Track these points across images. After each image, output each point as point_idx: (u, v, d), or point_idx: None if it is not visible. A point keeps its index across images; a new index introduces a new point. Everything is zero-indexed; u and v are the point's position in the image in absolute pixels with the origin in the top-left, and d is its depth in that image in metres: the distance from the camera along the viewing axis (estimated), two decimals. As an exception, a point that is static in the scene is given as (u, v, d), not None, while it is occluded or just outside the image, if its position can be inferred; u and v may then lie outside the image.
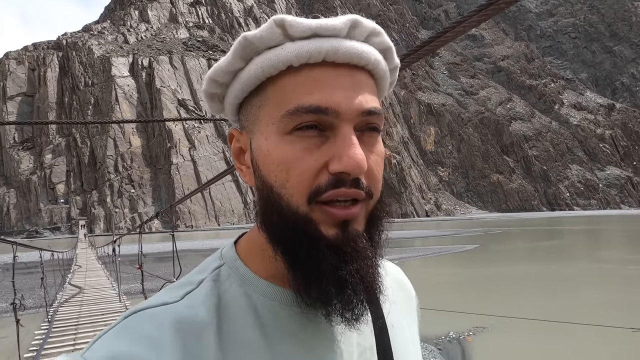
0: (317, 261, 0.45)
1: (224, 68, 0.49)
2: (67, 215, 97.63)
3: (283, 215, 0.46)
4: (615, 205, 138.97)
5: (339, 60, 0.46)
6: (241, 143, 0.53)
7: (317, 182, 0.45)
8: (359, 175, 0.45)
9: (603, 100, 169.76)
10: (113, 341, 0.43)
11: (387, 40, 0.51)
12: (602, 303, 12.96)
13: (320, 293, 0.45)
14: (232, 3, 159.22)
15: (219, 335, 0.46)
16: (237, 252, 0.54)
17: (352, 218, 0.46)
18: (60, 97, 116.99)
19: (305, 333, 0.48)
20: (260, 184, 0.49)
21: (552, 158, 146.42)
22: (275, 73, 0.47)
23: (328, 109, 0.45)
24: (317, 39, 0.46)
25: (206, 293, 0.49)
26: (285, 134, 0.46)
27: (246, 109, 0.51)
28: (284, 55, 0.46)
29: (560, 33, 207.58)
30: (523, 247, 36.05)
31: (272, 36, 0.46)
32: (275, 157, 0.46)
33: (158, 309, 0.46)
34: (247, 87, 0.49)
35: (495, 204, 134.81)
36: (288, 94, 0.46)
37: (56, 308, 8.90)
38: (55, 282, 13.78)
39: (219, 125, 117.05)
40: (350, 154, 0.44)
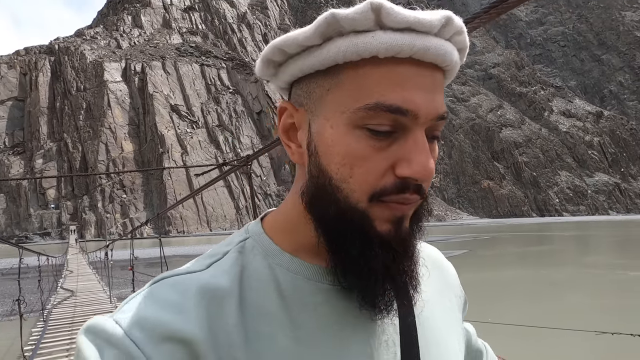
0: (369, 258, 0.45)
1: (299, 41, 0.46)
2: (57, 221, 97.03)
3: (340, 208, 0.45)
4: (604, 211, 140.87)
5: (426, 59, 0.44)
6: (295, 119, 0.50)
7: (383, 183, 0.44)
8: (425, 182, 0.45)
9: (591, 108, 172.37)
10: (141, 306, 0.44)
11: (467, 39, 0.49)
12: (588, 307, 13.33)
13: (364, 288, 0.45)
14: (225, 9, 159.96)
15: (240, 303, 0.47)
16: (262, 227, 0.54)
17: (406, 215, 0.46)
18: (51, 102, 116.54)
19: (328, 308, 0.48)
20: (316, 171, 0.47)
21: (541, 164, 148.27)
22: (357, 59, 0.44)
23: (408, 111, 0.43)
24: (411, 34, 0.43)
25: (231, 263, 0.50)
26: (355, 127, 0.44)
27: (308, 86, 0.48)
28: (374, 44, 0.43)
29: (550, 41, 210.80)
30: (510, 252, 36.66)
31: (364, 20, 0.43)
32: (341, 149, 0.45)
33: (184, 277, 0.48)
34: (318, 66, 0.46)
35: (485, 210, 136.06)
36: (368, 86, 0.43)
37: (50, 310, 9.24)
38: (47, 286, 14.03)
39: (212, 131, 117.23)
40: (421, 160, 0.43)
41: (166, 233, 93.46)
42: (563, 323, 9.31)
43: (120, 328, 0.42)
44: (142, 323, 0.42)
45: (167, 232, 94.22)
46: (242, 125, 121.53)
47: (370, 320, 0.48)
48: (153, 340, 0.41)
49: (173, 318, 0.43)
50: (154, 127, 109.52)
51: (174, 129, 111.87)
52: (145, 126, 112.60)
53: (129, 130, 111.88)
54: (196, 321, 0.43)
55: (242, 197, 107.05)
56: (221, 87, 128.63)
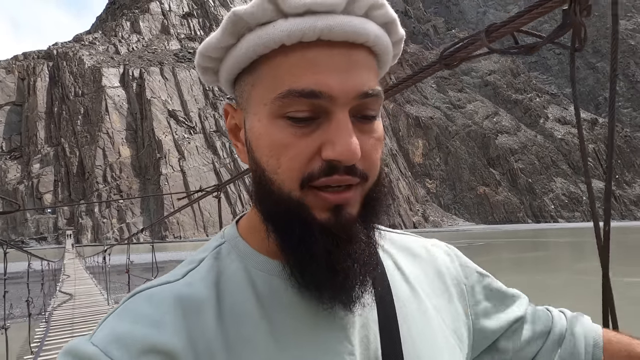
0: (310, 245, 0.44)
1: (214, 44, 0.47)
2: (54, 226, 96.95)
3: (275, 200, 0.45)
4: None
5: (334, 38, 0.43)
6: (236, 120, 0.52)
7: (310, 168, 0.44)
8: (352, 163, 0.44)
9: (586, 115, 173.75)
10: (116, 323, 0.44)
11: (390, 12, 0.47)
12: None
13: (313, 276, 0.45)
14: (223, 15, 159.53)
15: (218, 309, 0.46)
16: (238, 230, 0.54)
17: (346, 202, 0.45)
18: (49, 107, 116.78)
19: (305, 308, 0.47)
20: (254, 166, 0.48)
21: (537, 171, 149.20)
22: (268, 52, 0.44)
23: (322, 93, 0.42)
24: (312, 16, 0.43)
25: (207, 270, 0.49)
26: (276, 118, 0.44)
27: (240, 86, 0.49)
28: (276, 34, 0.43)
29: (545, 49, 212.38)
30: (504, 258, 37.13)
31: (263, 12, 0.43)
32: (267, 141, 0.45)
33: (157, 289, 0.47)
34: (239, 65, 0.47)
35: (481, 216, 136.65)
36: (280, 76, 0.44)
37: (51, 312, 9.67)
38: (45, 291, 14.41)
39: (209, 137, 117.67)
40: (344, 141, 0.42)
41: (163, 238, 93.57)
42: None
43: (98, 349, 0.41)
44: (119, 340, 0.42)
45: (164, 237, 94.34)
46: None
47: (348, 315, 0.48)
48: (132, 357, 0.41)
49: (150, 332, 0.42)
50: (151, 133, 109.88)
51: (171, 135, 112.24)
52: (143, 131, 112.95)
53: (126, 135, 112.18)
54: (174, 332, 0.43)
55: (238, 202, 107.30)
56: (219, 93, 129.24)
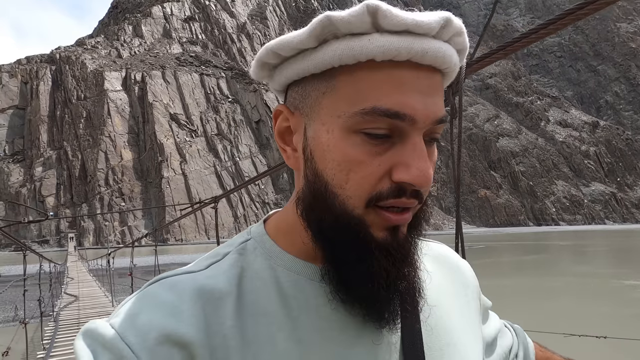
0: (369, 265, 0.44)
1: (294, 44, 0.45)
2: (56, 229, 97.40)
3: (336, 215, 0.44)
4: (600, 221, 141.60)
5: (424, 62, 0.43)
6: (290, 123, 0.50)
7: (379, 188, 0.43)
8: (423, 188, 0.44)
9: (588, 118, 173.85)
10: (136, 308, 0.44)
11: (466, 40, 0.47)
12: (572, 313, 13.87)
13: (365, 296, 0.44)
14: (225, 19, 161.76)
15: (238, 304, 0.46)
16: (265, 229, 0.53)
17: (404, 223, 0.45)
18: (52, 111, 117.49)
19: (330, 309, 0.46)
20: (312, 176, 0.46)
21: (538, 174, 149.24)
22: (352, 63, 0.43)
23: (406, 115, 0.42)
24: (408, 37, 0.42)
25: (230, 264, 0.49)
26: (351, 132, 0.43)
27: (304, 89, 0.47)
28: (370, 48, 0.41)
29: (547, 52, 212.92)
30: (503, 261, 37.28)
31: (360, 23, 0.42)
32: (337, 154, 0.44)
33: (180, 277, 0.47)
34: (313, 70, 0.45)
35: (482, 219, 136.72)
36: (364, 91, 0.42)
37: (58, 312, 10.05)
38: (51, 293, 14.75)
39: (211, 140, 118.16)
40: (420, 166, 0.42)
41: (164, 241, 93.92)
42: (537, 327, 9.96)
43: (116, 332, 0.42)
44: (137, 326, 0.42)
45: (165, 240, 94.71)
46: (240, 134, 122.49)
47: (376, 329, 0.47)
48: (148, 344, 0.41)
49: (168, 320, 0.42)
50: (153, 136, 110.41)
51: (173, 138, 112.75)
52: (145, 135, 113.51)
53: (128, 138, 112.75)
54: (192, 323, 0.43)
55: (240, 205, 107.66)
56: (220, 96, 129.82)
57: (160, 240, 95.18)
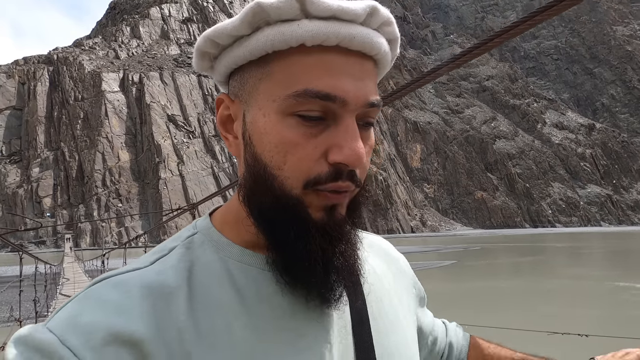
0: (306, 242, 0.45)
1: (228, 31, 0.47)
2: (52, 229, 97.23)
3: (275, 195, 0.45)
4: (596, 223, 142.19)
5: (352, 47, 0.45)
6: (231, 111, 0.51)
7: (316, 170, 0.45)
8: (356, 168, 0.46)
9: (584, 120, 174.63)
10: (78, 309, 0.42)
11: (396, 30, 0.50)
12: (561, 313, 14.10)
13: (304, 273, 0.45)
14: (223, 20, 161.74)
15: (189, 299, 0.45)
16: (211, 222, 0.53)
17: (340, 203, 0.47)
18: (49, 111, 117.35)
19: (285, 300, 0.47)
20: (252, 160, 0.47)
21: (534, 176, 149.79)
22: (285, 48, 0.45)
23: (337, 97, 0.44)
24: (335, 22, 0.44)
25: (178, 259, 0.48)
26: (286, 115, 0.45)
27: (242, 77, 0.49)
28: (299, 33, 0.44)
29: (543, 55, 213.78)
30: (498, 263, 37.54)
31: (289, 9, 0.44)
32: (273, 137, 0.45)
33: (126, 275, 0.46)
34: (249, 56, 0.47)
35: (479, 221, 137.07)
36: (296, 74, 0.44)
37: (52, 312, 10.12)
38: (46, 294, 14.87)
39: (208, 141, 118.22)
40: (352, 146, 0.44)
41: (161, 242, 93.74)
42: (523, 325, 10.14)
43: (54, 335, 0.39)
44: (80, 327, 0.39)
45: (162, 240, 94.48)
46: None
47: (325, 310, 0.48)
48: (93, 345, 0.39)
49: (115, 319, 0.41)
50: (150, 137, 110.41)
51: (170, 139, 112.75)
52: (142, 136, 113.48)
53: (125, 139, 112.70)
54: (141, 320, 0.42)
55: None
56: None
57: (157, 241, 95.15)
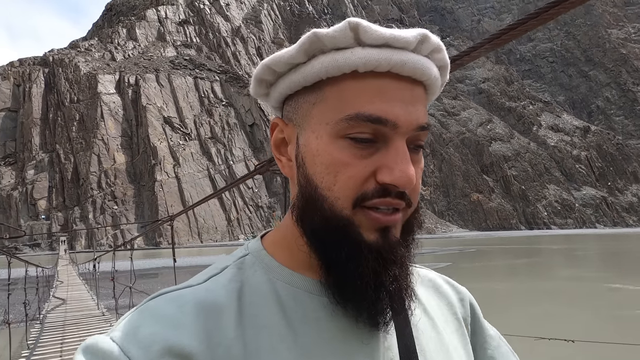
0: (358, 264, 0.45)
1: (285, 60, 0.50)
2: (47, 232, 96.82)
3: (325, 216, 0.47)
4: (591, 225, 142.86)
5: (404, 73, 0.47)
6: (285, 134, 0.54)
7: (364, 189, 0.46)
8: (407, 190, 0.46)
9: (579, 123, 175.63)
10: (137, 321, 0.44)
11: (446, 57, 0.52)
12: (551, 316, 14.18)
13: (356, 295, 0.46)
14: (219, 23, 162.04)
15: (239, 317, 0.46)
16: (262, 244, 0.55)
17: (393, 225, 0.47)
18: (44, 113, 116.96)
19: (330, 322, 0.48)
20: (304, 181, 0.49)
21: (530, 178, 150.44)
22: (338, 75, 0.47)
23: (388, 121, 0.45)
24: (388, 49, 0.46)
25: (229, 278, 0.50)
26: (338, 138, 0.47)
27: (296, 102, 0.51)
28: (353, 60, 0.46)
29: (539, 57, 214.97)
30: (493, 265, 37.68)
31: (344, 38, 0.46)
32: (325, 158, 0.47)
33: (180, 291, 0.48)
34: (303, 82, 0.50)
35: (475, 223, 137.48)
36: (349, 99, 0.47)
37: (45, 314, 10.22)
38: (40, 295, 14.85)
39: (204, 143, 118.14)
40: (403, 168, 0.45)
41: (157, 244, 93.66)
42: (515, 330, 10.21)
43: (117, 345, 0.42)
44: (139, 339, 0.42)
45: (158, 243, 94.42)
46: (234, 138, 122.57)
47: (373, 334, 0.49)
48: (151, 357, 0.41)
49: (171, 333, 0.43)
50: (146, 139, 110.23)
51: (166, 141, 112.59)
52: (138, 138, 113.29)
53: (121, 141, 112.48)
54: (194, 335, 0.43)
55: (233, 209, 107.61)
56: (214, 99, 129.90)
57: (152, 243, 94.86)
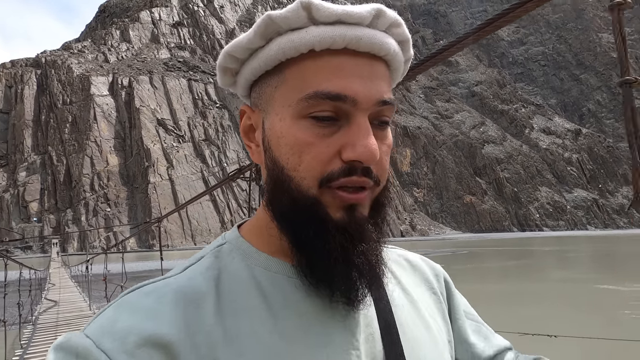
0: (325, 241, 0.46)
1: (244, 44, 0.50)
2: (39, 234, 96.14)
3: (293, 197, 0.47)
4: (582, 226, 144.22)
5: (360, 49, 0.47)
6: (252, 121, 0.54)
7: (330, 168, 0.46)
8: (371, 164, 0.46)
9: (570, 126, 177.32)
10: (112, 315, 0.44)
11: (406, 32, 0.52)
12: (536, 314, 14.50)
13: (326, 273, 0.46)
14: (213, 25, 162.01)
15: (218, 303, 0.46)
16: (240, 233, 0.55)
17: (360, 203, 0.47)
18: (37, 115, 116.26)
19: (311, 305, 0.48)
20: (271, 164, 0.49)
21: (522, 180, 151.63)
22: (296, 55, 0.47)
23: (347, 97, 0.45)
24: (341, 26, 0.47)
25: (206, 266, 0.50)
26: (300, 118, 0.47)
27: (260, 88, 0.52)
28: (308, 39, 0.46)
29: (531, 61, 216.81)
30: (484, 266, 38.01)
31: (297, 18, 0.47)
32: (289, 139, 0.47)
33: (157, 284, 0.48)
34: (264, 66, 0.50)
35: (468, 225, 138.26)
36: (307, 78, 0.47)
37: (37, 316, 10.37)
38: (32, 298, 14.95)
39: (198, 145, 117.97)
40: (365, 143, 0.45)
41: (150, 247, 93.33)
42: (499, 326, 10.47)
43: (90, 340, 0.41)
44: (114, 332, 0.42)
45: (151, 245, 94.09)
46: (228, 140, 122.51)
47: (350, 312, 0.49)
48: (127, 349, 0.41)
49: (148, 323, 0.43)
50: (140, 141, 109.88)
51: (160, 143, 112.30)
52: (131, 140, 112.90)
53: (114, 143, 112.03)
54: (172, 324, 0.43)
55: (227, 211, 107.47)
56: (208, 101, 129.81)
57: (146, 245, 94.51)
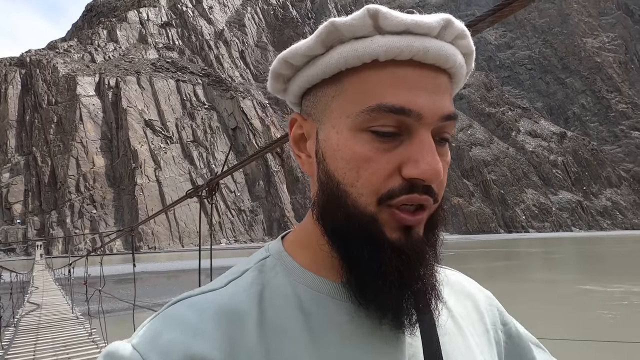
0: (381, 262, 0.43)
1: (303, 51, 0.47)
2: (23, 237, 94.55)
3: (348, 213, 0.44)
4: (567, 228, 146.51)
5: (427, 60, 0.44)
6: (304, 130, 0.51)
7: (390, 185, 0.43)
8: (434, 183, 0.44)
9: (556, 129, 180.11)
10: (158, 328, 0.44)
11: (471, 44, 0.50)
12: (523, 315, 14.82)
13: (377, 295, 0.44)
14: (202, 25, 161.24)
15: (260, 322, 0.45)
16: (283, 245, 0.53)
17: (418, 224, 0.45)
18: (21, 115, 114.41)
19: (353, 327, 0.46)
20: (325, 178, 0.47)
21: (509, 182, 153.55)
22: (358, 65, 0.45)
23: (412, 111, 0.43)
24: (409, 36, 0.44)
25: (250, 282, 0.48)
26: (359, 131, 0.44)
27: (315, 96, 0.49)
28: (373, 48, 0.43)
29: (518, 64, 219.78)
30: (471, 268, 38.43)
31: (362, 26, 0.44)
32: (346, 153, 0.45)
33: (200, 297, 0.47)
34: (322, 75, 0.47)
35: (455, 226, 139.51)
36: (369, 89, 0.44)
37: (19, 318, 10.29)
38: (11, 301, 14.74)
39: (186, 147, 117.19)
40: (429, 160, 0.42)
41: (137, 249, 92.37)
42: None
43: (137, 353, 0.42)
44: (159, 346, 0.42)
45: (138, 247, 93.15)
46: (217, 141, 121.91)
47: (397, 337, 0.47)
48: None
49: (191, 340, 0.42)
50: (127, 142, 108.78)
51: (147, 144, 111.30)
52: (118, 141, 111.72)
53: (101, 144, 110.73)
54: (215, 342, 0.43)
55: (215, 213, 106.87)
56: (196, 102, 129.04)
57: (133, 247, 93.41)
